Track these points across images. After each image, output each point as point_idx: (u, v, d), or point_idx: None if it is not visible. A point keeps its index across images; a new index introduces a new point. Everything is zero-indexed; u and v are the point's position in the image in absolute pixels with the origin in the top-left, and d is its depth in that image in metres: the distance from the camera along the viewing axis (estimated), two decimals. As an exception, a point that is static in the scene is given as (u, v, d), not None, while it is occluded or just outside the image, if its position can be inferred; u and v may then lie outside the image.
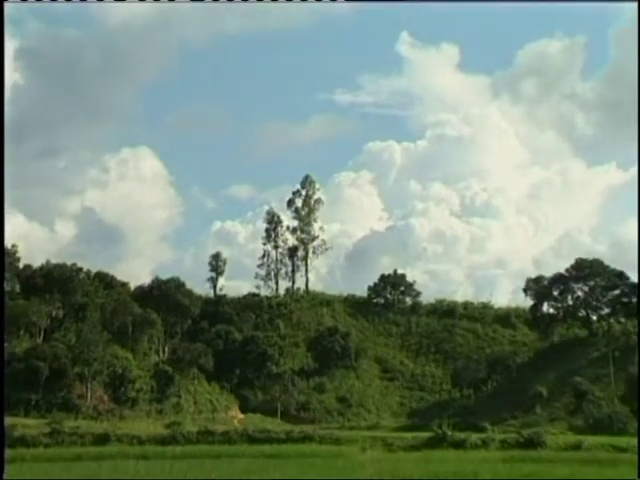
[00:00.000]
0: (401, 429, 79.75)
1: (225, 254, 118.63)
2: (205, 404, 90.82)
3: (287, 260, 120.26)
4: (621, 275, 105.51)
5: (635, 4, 21.14)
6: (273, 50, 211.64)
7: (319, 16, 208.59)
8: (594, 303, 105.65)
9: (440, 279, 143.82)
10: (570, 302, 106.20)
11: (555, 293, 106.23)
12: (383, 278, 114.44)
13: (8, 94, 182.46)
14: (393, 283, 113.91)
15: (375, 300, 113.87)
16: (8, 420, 69.24)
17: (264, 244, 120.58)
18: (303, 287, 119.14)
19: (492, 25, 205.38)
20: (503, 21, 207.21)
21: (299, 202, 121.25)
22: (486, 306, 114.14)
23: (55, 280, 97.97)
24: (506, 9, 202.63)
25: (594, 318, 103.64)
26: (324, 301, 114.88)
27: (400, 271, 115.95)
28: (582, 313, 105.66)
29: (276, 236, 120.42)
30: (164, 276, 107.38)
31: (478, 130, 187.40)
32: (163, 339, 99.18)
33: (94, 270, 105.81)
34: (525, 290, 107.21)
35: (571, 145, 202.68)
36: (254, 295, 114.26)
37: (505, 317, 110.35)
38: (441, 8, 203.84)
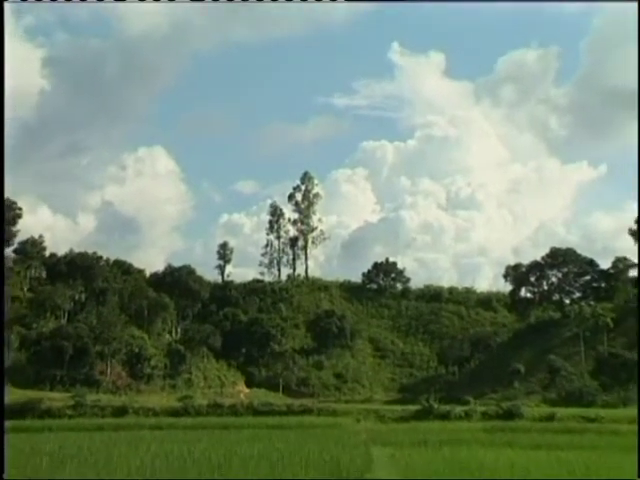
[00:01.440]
0: (392, 402, 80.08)
1: (232, 244, 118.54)
2: (214, 380, 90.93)
3: (288, 249, 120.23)
4: (591, 263, 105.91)
5: (635, 4, 20.79)
6: (276, 57, 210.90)
7: (318, 26, 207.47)
8: (567, 288, 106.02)
9: (428, 266, 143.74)
10: (545, 287, 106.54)
11: (532, 279, 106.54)
12: (376, 265, 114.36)
13: (36, 99, 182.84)
14: (385, 270, 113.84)
15: (368, 285, 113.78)
16: (36, 394, 69.89)
17: (267, 234, 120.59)
18: (303, 274, 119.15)
19: (475, 36, 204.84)
20: (485, 32, 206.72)
21: (299, 196, 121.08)
22: (469, 291, 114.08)
23: (78, 267, 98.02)
24: (488, 21, 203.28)
25: (567, 301, 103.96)
26: (322, 286, 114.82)
27: (391, 259, 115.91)
28: (556, 297, 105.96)
29: (278, 227, 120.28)
30: (176, 263, 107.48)
31: (462, 131, 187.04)
32: (175, 321, 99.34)
33: (113, 258, 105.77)
34: (505, 276, 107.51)
35: (546, 145, 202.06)
36: (258, 281, 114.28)
37: (487, 301, 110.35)
38: (429, 20, 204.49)
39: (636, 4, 20.55)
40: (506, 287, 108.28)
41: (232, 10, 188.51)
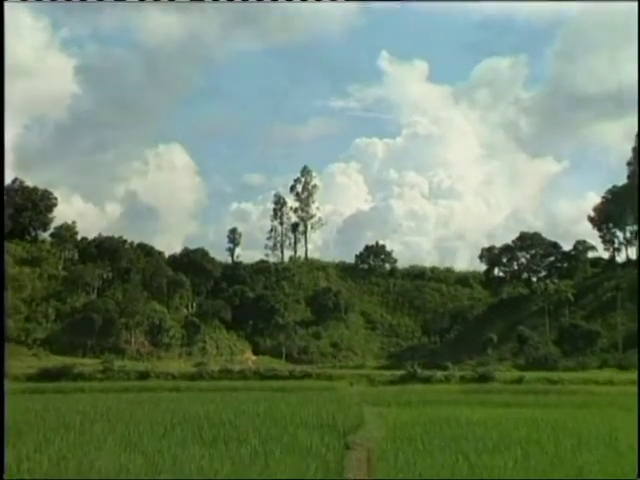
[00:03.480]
0: (381, 368, 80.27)
1: (241, 229, 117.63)
2: (225, 348, 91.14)
3: (290, 234, 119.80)
4: (555, 245, 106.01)
5: (635, 4, 20.17)
6: (279, 65, 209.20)
7: (316, 37, 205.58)
8: (534, 267, 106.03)
9: (412, 249, 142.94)
10: (515, 267, 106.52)
11: (504, 260, 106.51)
12: (367, 248, 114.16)
13: (69, 102, 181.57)
14: (375, 252, 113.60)
15: (361, 266, 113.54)
16: (70, 360, 70.14)
17: (272, 221, 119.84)
18: (303, 255, 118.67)
19: (454, 46, 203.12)
20: (463, 43, 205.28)
21: (300, 188, 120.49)
22: (449, 270, 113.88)
23: (106, 250, 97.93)
24: (465, 33, 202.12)
25: (534, 279, 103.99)
26: (320, 266, 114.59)
27: (381, 242, 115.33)
28: (525, 276, 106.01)
29: (281, 215, 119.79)
30: (192, 247, 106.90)
31: (443, 130, 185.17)
32: (191, 297, 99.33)
33: (136, 242, 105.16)
34: (480, 257, 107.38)
35: (516, 142, 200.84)
36: (264, 262, 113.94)
37: (464, 279, 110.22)
38: (414, 32, 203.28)
39: (636, 4, 19.98)
40: (481, 267, 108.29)
41: (240, 22, 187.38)
